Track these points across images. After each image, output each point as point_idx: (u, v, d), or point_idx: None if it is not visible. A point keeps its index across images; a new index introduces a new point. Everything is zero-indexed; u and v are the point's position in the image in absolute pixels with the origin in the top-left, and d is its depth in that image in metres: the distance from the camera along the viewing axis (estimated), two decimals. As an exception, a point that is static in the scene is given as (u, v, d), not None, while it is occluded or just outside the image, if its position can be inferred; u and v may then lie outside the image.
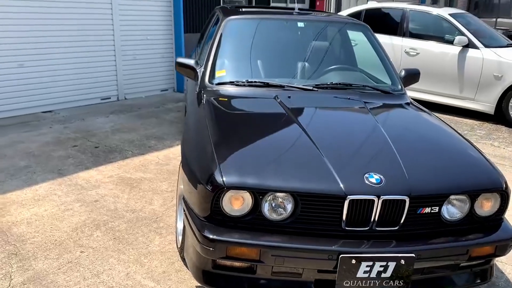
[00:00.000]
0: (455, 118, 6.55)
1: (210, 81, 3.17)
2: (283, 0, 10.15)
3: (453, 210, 2.26)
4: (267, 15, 3.73)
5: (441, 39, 6.70)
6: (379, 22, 7.32)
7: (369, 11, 7.55)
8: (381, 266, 2.09)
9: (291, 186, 2.10)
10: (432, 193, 2.19)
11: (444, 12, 6.87)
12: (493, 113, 6.29)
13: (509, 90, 6.08)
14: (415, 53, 6.84)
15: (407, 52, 6.91)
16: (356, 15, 7.48)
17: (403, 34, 7.03)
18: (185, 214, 2.36)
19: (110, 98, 6.63)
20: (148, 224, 3.15)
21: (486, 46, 6.34)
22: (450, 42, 6.54)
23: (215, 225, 2.13)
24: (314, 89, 3.11)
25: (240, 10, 3.97)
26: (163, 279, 2.57)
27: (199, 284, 2.51)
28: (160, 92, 7.37)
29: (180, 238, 2.71)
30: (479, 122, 6.41)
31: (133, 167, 4.16)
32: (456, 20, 6.66)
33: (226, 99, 2.99)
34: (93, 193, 3.58)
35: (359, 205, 2.10)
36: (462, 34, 6.44)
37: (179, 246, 2.75)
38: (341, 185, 2.10)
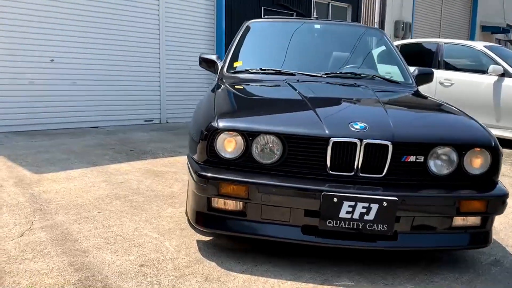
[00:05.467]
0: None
1: (228, 71, 3.44)
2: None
3: (440, 163, 2.31)
4: (287, 19, 4.05)
5: (475, 70, 6.74)
6: (414, 56, 7.46)
7: (404, 46, 7.73)
8: (363, 207, 2.15)
9: (278, 129, 2.26)
10: (415, 141, 2.27)
11: (479, 44, 6.94)
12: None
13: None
14: (449, 84, 6.87)
15: (441, 83, 6.95)
16: (392, 50, 7.67)
17: (438, 66, 7.12)
18: (188, 166, 2.56)
19: (152, 120, 7.10)
20: (164, 200, 3.35)
21: (522, 74, 6.30)
22: (485, 72, 6.55)
23: (211, 167, 2.32)
24: (323, 75, 3.30)
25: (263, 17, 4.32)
26: (167, 233, 2.73)
27: (200, 238, 2.66)
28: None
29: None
30: (519, 151, 6.23)
31: (161, 164, 4.44)
32: (491, 51, 6.70)
33: (239, 83, 3.24)
34: (120, 178, 3.86)
35: (343, 148, 2.22)
36: (497, 64, 6.45)
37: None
38: (326, 129, 2.24)
